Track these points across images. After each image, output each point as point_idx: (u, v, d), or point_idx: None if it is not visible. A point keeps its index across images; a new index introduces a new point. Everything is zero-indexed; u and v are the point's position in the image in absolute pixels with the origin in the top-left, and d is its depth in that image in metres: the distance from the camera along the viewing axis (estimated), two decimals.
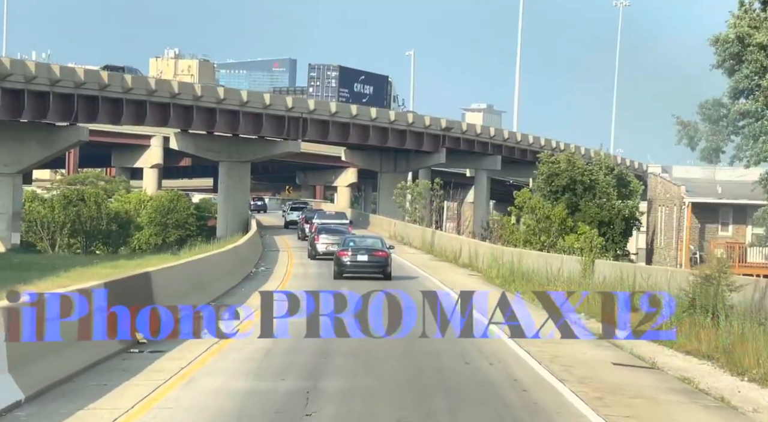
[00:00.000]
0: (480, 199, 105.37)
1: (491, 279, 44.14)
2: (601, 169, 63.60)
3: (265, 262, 52.44)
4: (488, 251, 48.96)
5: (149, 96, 69.46)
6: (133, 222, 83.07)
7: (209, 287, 32.65)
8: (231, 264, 40.58)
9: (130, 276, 23.74)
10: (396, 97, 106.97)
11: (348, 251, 42.22)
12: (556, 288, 35.95)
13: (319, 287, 39.91)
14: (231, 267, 40.33)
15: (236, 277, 40.10)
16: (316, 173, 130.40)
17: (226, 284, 36.71)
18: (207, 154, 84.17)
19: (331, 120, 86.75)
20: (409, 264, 53.44)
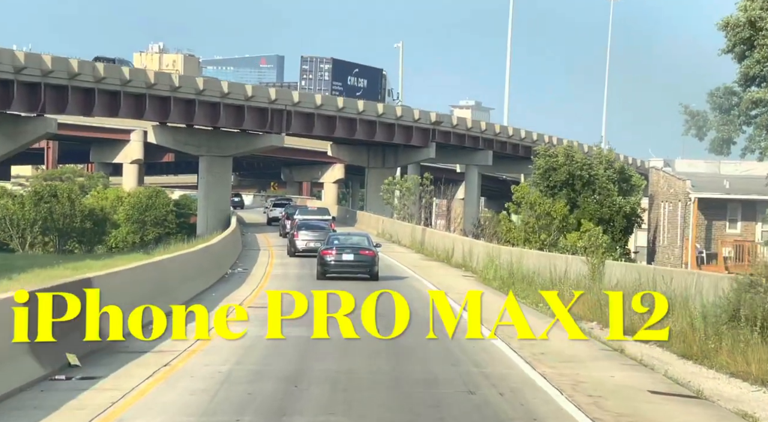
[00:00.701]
0: (471, 196, 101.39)
1: (488, 281, 40.14)
2: (601, 162, 59.69)
3: (244, 262, 48.39)
4: (484, 250, 44.97)
5: (123, 86, 65.27)
6: (109, 219, 78.79)
7: (173, 292, 28.62)
8: (203, 265, 36.54)
9: (65, 284, 19.62)
10: (391, 91, 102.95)
11: (332, 249, 38.98)
12: (563, 292, 31.95)
13: (299, 289, 35.95)
14: (203, 268, 36.29)
15: (208, 280, 36.04)
16: (301, 169, 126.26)
17: (195, 288, 32.67)
18: (186, 148, 79.95)
19: (317, 113, 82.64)
20: (398, 264, 49.44)
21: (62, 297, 17.63)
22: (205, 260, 37.23)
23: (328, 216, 66.27)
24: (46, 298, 16.47)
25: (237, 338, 18.90)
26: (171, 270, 29.18)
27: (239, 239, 59.98)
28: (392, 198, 76.23)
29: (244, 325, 25.82)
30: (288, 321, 25.39)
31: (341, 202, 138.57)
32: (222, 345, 20.72)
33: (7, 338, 14.95)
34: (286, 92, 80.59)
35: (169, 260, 30.36)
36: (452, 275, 44.53)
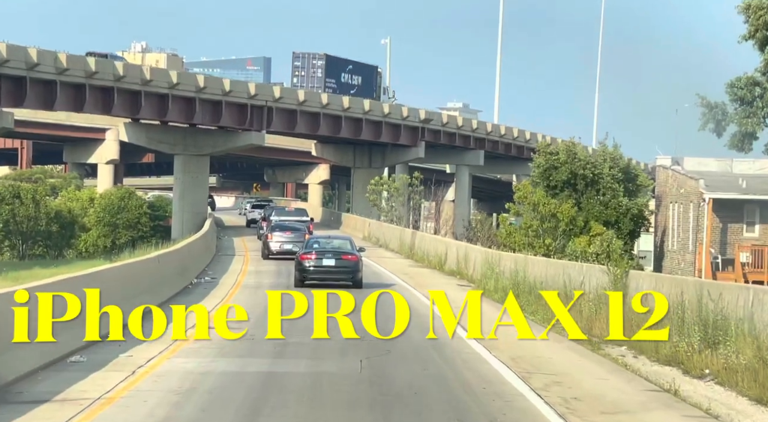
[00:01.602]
0: (461, 197, 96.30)
1: (488, 292, 34.95)
2: (605, 160, 54.64)
3: (214, 269, 43.15)
4: (481, 256, 39.82)
5: (89, 78, 59.93)
6: (77, 222, 73.39)
7: (126, 302, 23.50)
8: (161, 275, 31.31)
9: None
10: (386, 89, 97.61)
11: (311, 254, 34.91)
12: (581, 309, 26.83)
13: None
14: (161, 278, 31.07)
15: (167, 292, 30.83)
16: (285, 170, 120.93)
17: (149, 303, 27.41)
18: (160, 147, 74.65)
19: (299, 109, 77.40)
20: (385, 271, 44.27)
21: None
22: (164, 269, 31.99)
23: (305, 217, 62.60)
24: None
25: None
26: (111, 283, 23.95)
27: (212, 243, 54.74)
28: (379, 199, 71.03)
29: (187, 360, 20.67)
30: (245, 347, 20.27)
31: (328, 205, 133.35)
32: (150, 392, 15.67)
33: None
34: (266, 87, 75.36)
35: (110, 271, 25.12)
36: (446, 284, 39.33)
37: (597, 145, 55.83)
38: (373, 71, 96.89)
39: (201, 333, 21.28)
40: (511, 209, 45.79)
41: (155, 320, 17.11)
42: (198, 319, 18.09)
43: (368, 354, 20.24)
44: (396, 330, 24.37)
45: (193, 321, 25.46)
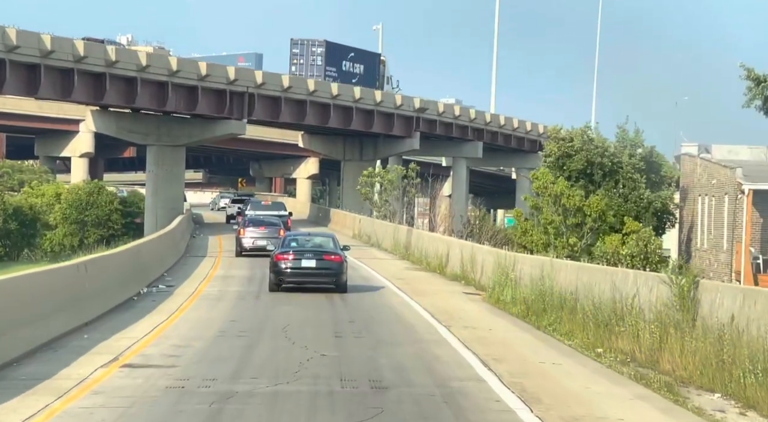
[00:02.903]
0: (458, 192, 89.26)
1: (504, 305, 27.93)
2: (625, 148, 47.67)
3: (176, 275, 36.09)
4: (492, 259, 32.78)
5: (44, 58, 52.65)
6: (40, 219, 66.24)
7: (10, 334, 16.77)
8: (96, 285, 24.30)
9: None
10: (390, 79, 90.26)
11: (288, 254, 29.95)
12: (636, 332, 19.83)
13: (233, 319, 23.86)
14: (94, 289, 24.07)
15: (96, 308, 23.79)
16: (272, 164, 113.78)
17: (62, 324, 20.48)
18: (131, 137, 67.51)
19: (284, 96, 70.20)
20: (376, 276, 37.27)
21: None
22: (98, 277, 24.92)
23: (283, 211, 57.41)
24: None
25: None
26: (8, 298, 16.93)
27: (181, 242, 47.63)
28: (371, 192, 63.91)
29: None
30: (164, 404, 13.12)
31: (319, 201, 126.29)
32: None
33: None
34: (247, 72, 68.12)
35: (9, 282, 18.04)
36: (450, 293, 32.29)
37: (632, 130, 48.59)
38: (376, 59, 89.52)
39: (102, 381, 14.60)
40: (528, 202, 38.60)
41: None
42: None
43: (350, 415, 13.21)
44: (390, 369, 17.45)
45: (107, 356, 18.53)
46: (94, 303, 23.71)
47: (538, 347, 20.70)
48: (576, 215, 35.42)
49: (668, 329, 18.75)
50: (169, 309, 25.68)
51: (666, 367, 17.79)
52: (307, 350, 19.09)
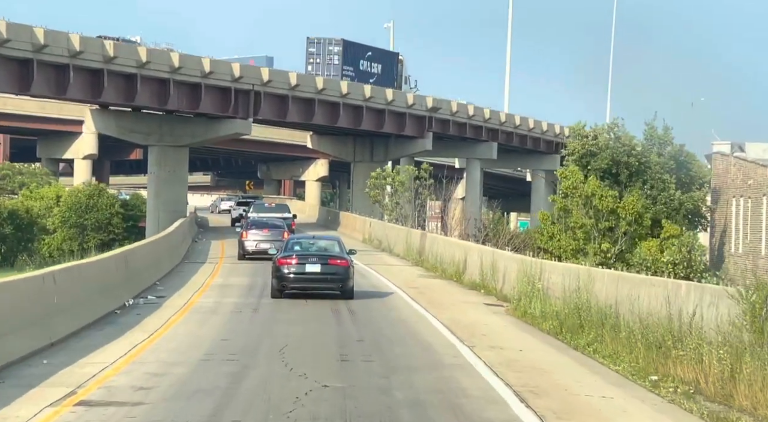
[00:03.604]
0: (472, 194, 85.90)
1: (532, 319, 24.66)
2: (653, 146, 44.37)
3: (169, 283, 32.92)
4: (516, 266, 29.51)
5: (37, 53, 49.60)
6: (37, 223, 63.22)
7: None
8: (74, 298, 21.20)
9: None
10: (408, 78, 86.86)
11: (292, 258, 28.06)
12: (701, 358, 16.53)
13: (224, 337, 20.73)
14: (69, 302, 20.96)
15: (70, 324, 20.66)
16: (280, 165, 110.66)
17: (20, 347, 17.35)
18: (132, 137, 64.49)
19: (291, 95, 67.06)
20: (387, 283, 34.08)
21: None
22: (75, 289, 21.78)
23: (287, 213, 55.31)
24: None
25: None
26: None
27: (181, 248, 44.46)
28: (381, 195, 60.65)
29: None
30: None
31: (329, 204, 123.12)
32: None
33: None
34: (253, 69, 64.97)
35: None
36: (470, 304, 29.04)
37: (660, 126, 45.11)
38: (395, 58, 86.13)
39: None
40: (557, 203, 35.18)
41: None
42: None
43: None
44: (407, 407, 14.17)
45: (62, 389, 15.34)
46: (64, 319, 20.53)
47: (580, 374, 17.44)
48: (609, 218, 32.17)
49: (742, 356, 15.44)
50: (153, 325, 22.48)
51: (743, 403, 14.51)
52: (306, 379, 15.88)
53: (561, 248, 32.35)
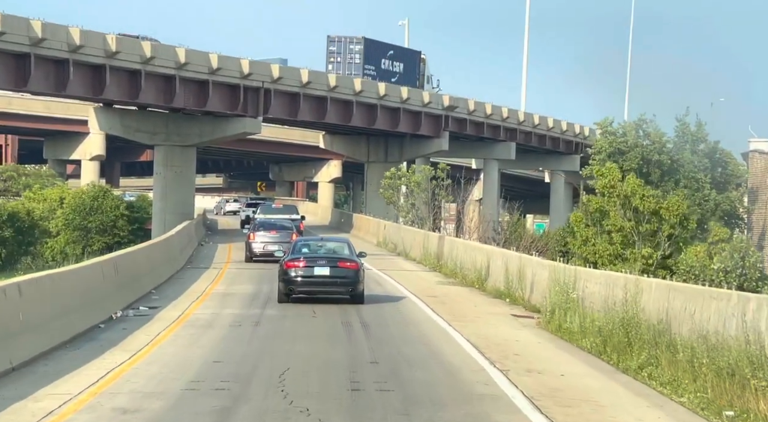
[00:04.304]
0: (490, 196, 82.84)
1: (569, 335, 21.63)
2: (686, 143, 41.28)
3: (166, 291, 30.02)
4: (546, 273, 26.49)
5: (34, 47, 46.82)
6: (39, 226, 60.48)
7: None
8: (41, 312, 18.37)
9: None
10: (430, 78, 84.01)
11: (299, 261, 26.77)
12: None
13: (217, 358, 17.81)
14: (42, 316, 18.17)
15: (37, 344, 17.87)
16: (292, 166, 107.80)
17: None
18: (137, 136, 61.63)
19: (303, 92, 64.17)
20: (403, 291, 31.11)
21: None
22: (47, 301, 18.89)
23: (295, 214, 53.65)
24: None
25: None
26: None
27: (183, 251, 41.53)
28: (396, 195, 57.66)
29: None
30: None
31: (342, 206, 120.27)
32: None
33: None
34: (262, 65, 62.05)
35: None
36: (496, 315, 26.01)
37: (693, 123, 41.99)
38: (417, 57, 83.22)
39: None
40: (592, 203, 32.06)
41: None
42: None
43: None
44: None
45: None
46: (32, 338, 17.62)
47: (640, 408, 14.42)
48: (651, 220, 29.16)
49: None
50: (137, 343, 19.55)
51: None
52: (308, 416, 12.94)
53: (597, 253, 29.36)
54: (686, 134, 41.83)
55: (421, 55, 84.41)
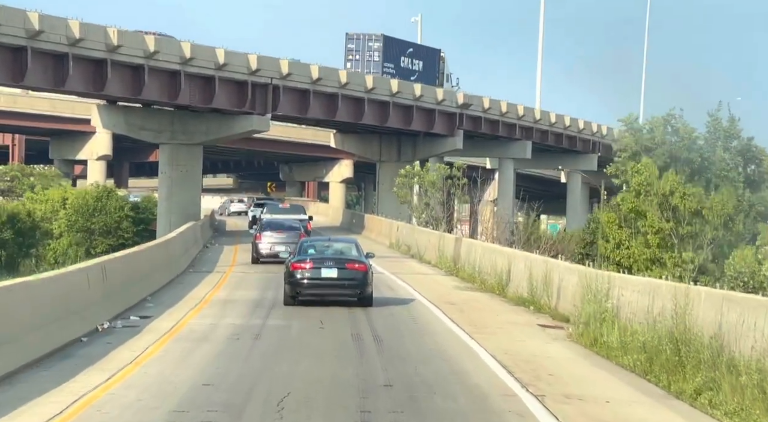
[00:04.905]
0: (505, 196, 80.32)
1: (607, 350, 19.14)
2: (718, 140, 38.73)
3: (162, 298, 27.65)
4: (575, 279, 24.03)
5: (31, 39, 44.53)
6: (40, 227, 58.25)
7: None
8: (12, 324, 16.01)
9: None
10: (450, 76, 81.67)
11: (306, 262, 25.86)
12: None
13: (207, 381, 15.38)
14: (12, 329, 15.77)
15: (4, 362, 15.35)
16: (303, 166, 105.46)
17: None
18: (142, 135, 59.29)
19: (313, 89, 61.78)
20: (418, 297, 28.72)
21: None
22: (18, 313, 16.50)
23: (303, 215, 51.90)
24: None
25: None
26: None
27: (183, 254, 39.11)
28: (410, 194, 55.20)
29: None
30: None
31: (354, 207, 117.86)
32: None
33: None
34: (271, 61, 59.62)
35: None
36: (521, 326, 23.53)
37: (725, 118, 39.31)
38: (436, 55, 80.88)
39: None
40: (626, 203, 29.42)
41: None
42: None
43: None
44: None
45: None
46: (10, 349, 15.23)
47: None
48: (692, 221, 26.62)
49: None
50: (119, 361, 17.15)
51: None
52: None
53: (631, 257, 26.83)
54: (718, 130, 39.22)
55: (440, 53, 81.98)
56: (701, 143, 38.73)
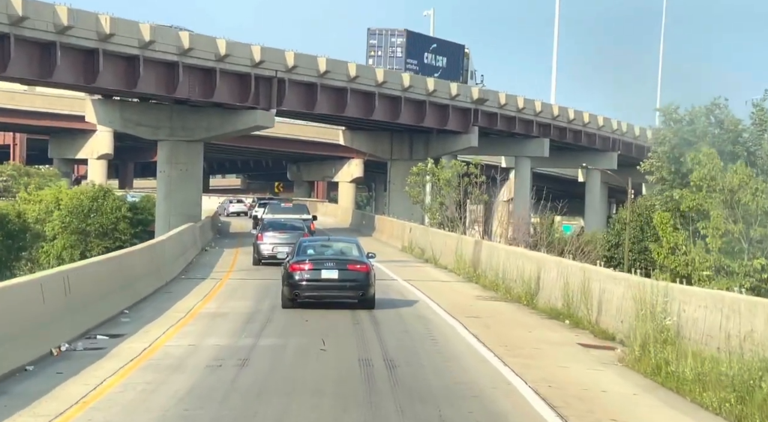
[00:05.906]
0: (521, 196, 76.33)
1: (677, 382, 15.26)
2: (765, 131, 34.81)
3: (144, 310, 23.91)
4: (620, 290, 20.22)
5: (14, 26, 40.78)
6: (31, 229, 54.59)
7: None
8: None
9: None
10: (474, 73, 78.01)
11: (305, 263, 24.54)
12: None
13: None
14: None
15: None
16: (311, 166, 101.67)
17: None
18: (139, 131, 55.62)
19: (320, 83, 58.00)
20: (434, 308, 24.92)
21: None
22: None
23: (306, 214, 49.21)
24: None
25: None
26: None
27: (172, 259, 35.26)
28: (422, 194, 51.36)
29: None
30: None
31: (365, 208, 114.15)
32: None
33: None
34: (276, 52, 55.79)
35: None
36: (561, 346, 19.68)
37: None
38: (461, 51, 77.19)
39: None
40: (686, 200, 25.39)
41: None
42: None
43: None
44: None
45: None
46: None
47: None
48: (766, 223, 22.73)
49: None
50: (62, 402, 13.37)
51: None
52: None
53: (689, 264, 22.94)
54: (765, 122, 35.27)
55: (464, 49, 78.14)
56: (746, 135, 34.80)
